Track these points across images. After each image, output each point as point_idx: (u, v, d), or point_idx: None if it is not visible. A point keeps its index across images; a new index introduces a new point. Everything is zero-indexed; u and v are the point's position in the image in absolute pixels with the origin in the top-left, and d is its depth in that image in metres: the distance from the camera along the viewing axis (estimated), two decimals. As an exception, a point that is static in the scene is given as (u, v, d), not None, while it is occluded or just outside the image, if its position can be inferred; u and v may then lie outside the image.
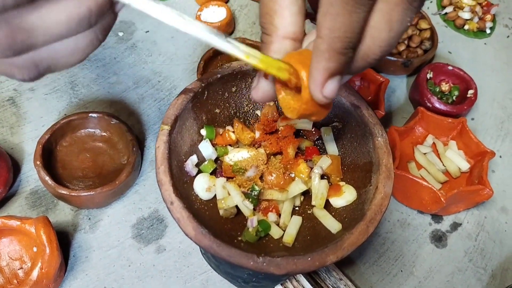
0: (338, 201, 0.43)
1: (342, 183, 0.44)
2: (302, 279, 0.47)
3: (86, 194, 0.53)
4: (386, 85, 0.66)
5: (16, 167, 0.59)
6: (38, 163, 0.53)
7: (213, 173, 0.45)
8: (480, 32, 0.83)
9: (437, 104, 0.66)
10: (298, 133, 0.48)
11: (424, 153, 0.64)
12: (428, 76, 0.70)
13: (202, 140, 0.45)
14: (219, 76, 0.45)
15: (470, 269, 0.58)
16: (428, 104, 0.66)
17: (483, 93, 0.74)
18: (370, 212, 0.38)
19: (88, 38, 0.28)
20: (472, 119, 0.72)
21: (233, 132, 0.46)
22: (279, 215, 0.43)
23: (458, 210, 0.61)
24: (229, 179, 0.44)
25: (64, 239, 0.55)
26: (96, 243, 0.55)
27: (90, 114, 0.59)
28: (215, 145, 0.46)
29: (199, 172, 0.44)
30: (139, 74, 0.70)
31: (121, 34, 0.74)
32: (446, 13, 0.84)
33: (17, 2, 0.24)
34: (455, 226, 0.61)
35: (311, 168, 0.44)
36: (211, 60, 0.68)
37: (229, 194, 0.43)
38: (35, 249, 0.50)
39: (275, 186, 0.43)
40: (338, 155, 0.46)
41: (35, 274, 0.46)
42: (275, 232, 0.42)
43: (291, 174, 0.44)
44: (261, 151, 0.45)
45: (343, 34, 0.27)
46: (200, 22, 0.28)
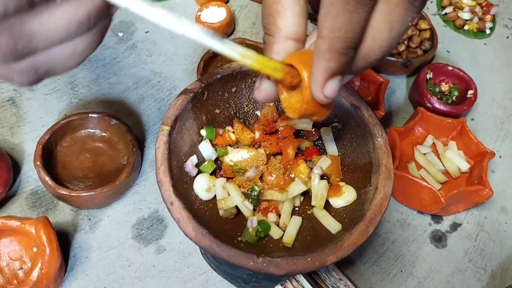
0: (338, 202, 0.43)
1: (342, 184, 0.44)
2: (302, 279, 0.47)
3: (86, 194, 0.53)
4: (386, 85, 0.67)
5: (16, 167, 0.59)
6: (38, 163, 0.54)
7: (213, 174, 0.45)
8: (480, 33, 0.83)
9: (437, 105, 0.66)
10: (298, 133, 0.48)
11: (424, 154, 0.64)
12: (428, 76, 0.70)
13: (202, 141, 0.45)
14: (219, 76, 0.45)
15: (470, 269, 0.58)
16: (428, 104, 0.66)
17: (483, 93, 0.74)
18: (370, 212, 0.38)
19: (86, 42, 0.28)
20: (472, 119, 0.72)
21: (233, 132, 0.46)
22: (279, 215, 0.43)
23: (458, 211, 0.61)
24: (229, 179, 0.44)
25: (64, 240, 0.55)
26: (96, 243, 0.55)
27: (90, 115, 0.59)
28: (215, 145, 0.46)
29: (199, 172, 0.44)
30: (139, 75, 0.70)
31: (121, 34, 0.74)
32: (446, 13, 0.84)
33: (18, 8, 0.24)
34: (455, 226, 0.61)
35: (311, 169, 0.44)
36: (211, 60, 0.68)
37: (229, 194, 0.43)
38: (35, 249, 0.50)
39: (275, 186, 0.43)
40: (338, 155, 0.46)
41: (35, 274, 0.46)
42: (275, 233, 0.42)
43: (291, 175, 0.44)
44: (261, 152, 0.45)
45: (344, 34, 0.27)
46: (196, 24, 0.28)
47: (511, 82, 0.78)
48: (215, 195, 0.44)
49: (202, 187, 0.43)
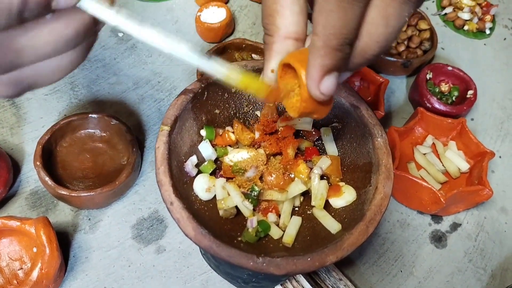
0: (337, 202, 0.43)
1: (341, 184, 0.44)
2: (302, 280, 0.47)
3: (86, 194, 0.53)
4: (386, 85, 0.67)
5: (16, 167, 0.59)
6: (38, 163, 0.54)
7: (213, 174, 0.45)
8: (479, 33, 0.83)
9: (437, 105, 0.66)
10: (297, 133, 0.48)
11: (424, 154, 0.64)
12: (428, 76, 0.70)
13: (202, 141, 0.45)
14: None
15: (470, 270, 0.58)
16: (428, 104, 0.66)
17: (482, 93, 0.74)
18: (370, 212, 0.38)
19: (70, 58, 0.28)
20: (472, 119, 0.72)
21: (233, 132, 0.46)
22: (278, 215, 0.43)
23: (458, 211, 0.61)
24: (229, 179, 0.44)
25: (64, 240, 0.55)
26: (96, 243, 0.55)
27: (90, 115, 0.59)
28: (215, 145, 0.46)
29: (199, 172, 0.44)
30: (139, 75, 0.70)
31: (121, 34, 0.74)
32: (446, 13, 0.84)
33: (8, 24, 0.24)
34: (454, 226, 0.61)
35: (311, 169, 0.44)
36: (211, 60, 0.68)
37: (229, 194, 0.43)
38: (35, 249, 0.50)
39: (274, 186, 0.44)
40: (338, 155, 0.46)
41: (35, 274, 0.46)
42: (274, 233, 0.42)
43: (290, 175, 0.44)
44: (261, 152, 0.45)
45: (339, 30, 0.27)
46: (183, 43, 0.29)
47: (511, 82, 0.78)
48: (215, 195, 0.44)
49: (202, 187, 0.43)
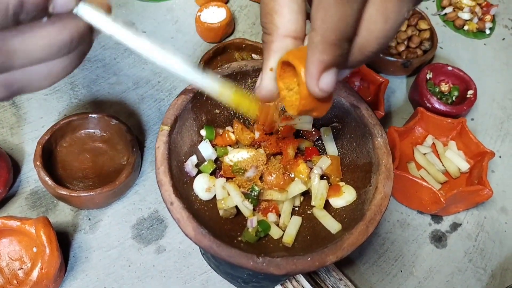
0: (337, 202, 0.43)
1: (341, 184, 0.44)
2: (302, 279, 0.47)
3: (86, 194, 0.53)
4: (386, 85, 0.67)
5: (16, 167, 0.59)
6: (38, 163, 0.54)
7: (213, 174, 0.45)
8: (479, 33, 0.83)
9: (437, 105, 0.66)
10: (297, 133, 0.48)
11: (424, 154, 0.64)
12: (428, 76, 0.70)
13: (202, 141, 0.45)
14: (219, 76, 0.45)
15: (470, 269, 0.58)
16: (428, 104, 0.66)
17: (482, 93, 0.74)
18: (370, 212, 0.38)
19: (63, 64, 0.28)
20: (472, 119, 0.72)
21: (233, 132, 0.46)
22: (278, 215, 0.43)
23: (458, 211, 0.61)
24: (229, 179, 0.44)
25: (64, 240, 0.55)
26: (96, 243, 0.55)
27: (90, 115, 0.59)
28: (215, 145, 0.46)
29: (199, 172, 0.44)
30: (139, 75, 0.70)
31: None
32: (446, 13, 0.84)
33: (3, 25, 0.24)
34: (454, 226, 0.61)
35: (311, 169, 0.44)
36: (211, 60, 0.68)
37: (229, 194, 0.43)
38: (35, 249, 0.50)
39: (274, 186, 0.44)
40: (338, 155, 0.46)
41: (35, 274, 0.46)
42: (274, 233, 0.42)
43: (290, 175, 0.44)
44: (261, 152, 0.45)
45: (337, 25, 0.26)
46: (177, 56, 0.29)
47: (511, 82, 0.78)
48: (215, 195, 0.44)
49: (202, 187, 0.43)
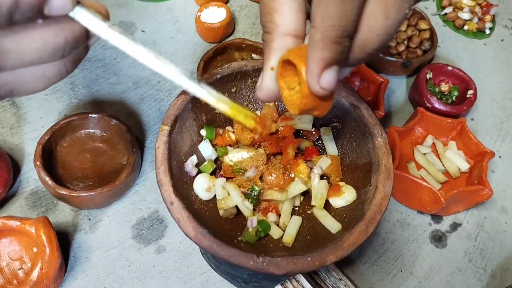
0: (337, 201, 0.43)
1: (341, 183, 0.44)
2: (302, 279, 0.47)
3: (86, 194, 0.53)
4: (386, 85, 0.67)
5: (16, 167, 0.59)
6: (38, 163, 0.54)
7: (213, 174, 0.45)
8: (479, 33, 0.83)
9: (437, 105, 0.66)
10: (298, 133, 0.48)
11: (424, 154, 0.64)
12: (428, 76, 0.70)
13: (202, 141, 0.45)
14: (219, 76, 0.45)
15: (470, 269, 0.58)
16: (428, 104, 0.66)
17: (482, 93, 0.74)
18: (370, 212, 0.38)
19: (56, 68, 0.28)
20: (472, 119, 0.72)
21: (233, 132, 0.46)
22: (279, 215, 0.43)
23: (458, 210, 0.61)
24: (229, 179, 0.44)
25: (64, 240, 0.55)
26: (96, 243, 0.55)
27: (90, 115, 0.59)
28: (215, 145, 0.46)
29: (199, 172, 0.44)
30: (139, 75, 0.70)
31: (121, 34, 0.74)
32: (446, 13, 0.84)
33: None
34: (454, 226, 0.61)
35: (311, 168, 0.44)
36: (211, 60, 0.68)
37: (229, 194, 0.43)
38: (35, 249, 0.50)
39: (275, 186, 0.44)
40: (338, 155, 0.46)
41: (35, 274, 0.46)
42: (275, 232, 0.42)
43: (291, 174, 0.44)
44: (261, 152, 0.45)
45: (337, 22, 0.26)
46: (174, 65, 0.29)
47: (511, 82, 0.78)
48: (215, 195, 0.44)
49: (202, 187, 0.43)
